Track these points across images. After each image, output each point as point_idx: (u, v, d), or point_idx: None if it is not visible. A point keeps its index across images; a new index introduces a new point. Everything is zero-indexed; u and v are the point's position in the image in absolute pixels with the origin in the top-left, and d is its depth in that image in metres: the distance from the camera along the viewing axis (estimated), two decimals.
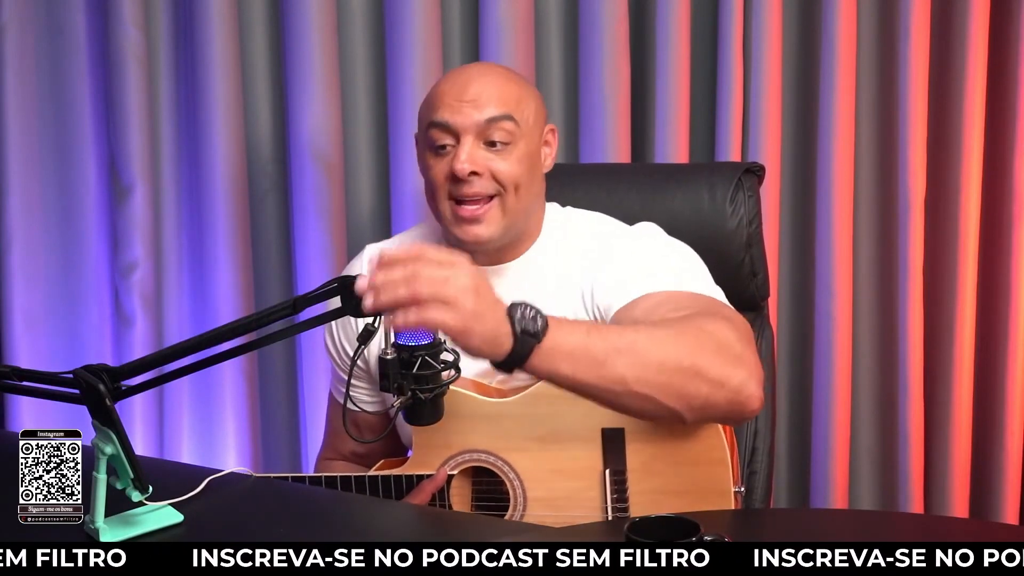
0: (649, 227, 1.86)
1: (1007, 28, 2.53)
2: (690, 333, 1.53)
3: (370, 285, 1.37)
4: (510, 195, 1.78)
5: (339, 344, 1.95)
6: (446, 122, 1.76)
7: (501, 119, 1.76)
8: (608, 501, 1.73)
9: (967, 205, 2.56)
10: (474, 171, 1.75)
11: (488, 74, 1.81)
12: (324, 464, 2.05)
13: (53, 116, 2.47)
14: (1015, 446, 2.64)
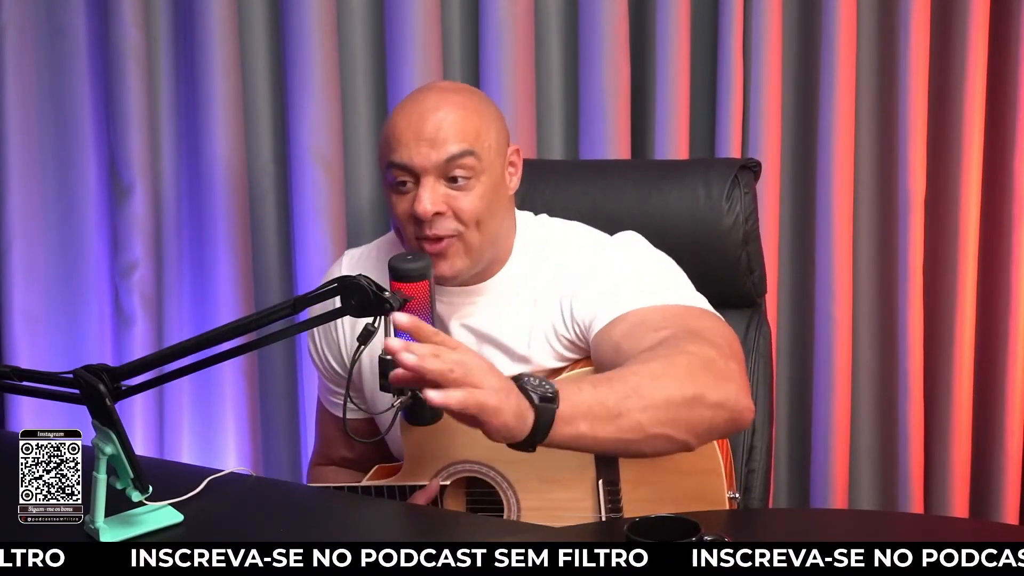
0: (629, 237, 1.84)
1: (1007, 28, 2.53)
2: (680, 361, 1.54)
3: (408, 349, 1.35)
4: (471, 232, 1.74)
5: (322, 353, 1.94)
6: (403, 163, 1.72)
7: (461, 156, 1.71)
8: (602, 511, 1.73)
9: (967, 205, 2.55)
10: (436, 212, 1.72)
11: (444, 106, 1.74)
12: (316, 471, 2.05)
13: (53, 116, 2.47)
14: (1015, 446, 2.64)
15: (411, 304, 1.48)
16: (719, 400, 1.53)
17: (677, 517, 1.30)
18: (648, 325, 1.65)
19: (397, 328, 1.40)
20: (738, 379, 1.57)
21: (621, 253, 1.81)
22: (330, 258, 2.49)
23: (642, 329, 1.64)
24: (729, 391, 1.55)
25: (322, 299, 1.47)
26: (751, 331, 2.09)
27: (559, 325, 1.78)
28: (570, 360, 1.79)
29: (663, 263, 1.81)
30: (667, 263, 1.81)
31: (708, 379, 1.53)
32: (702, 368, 1.53)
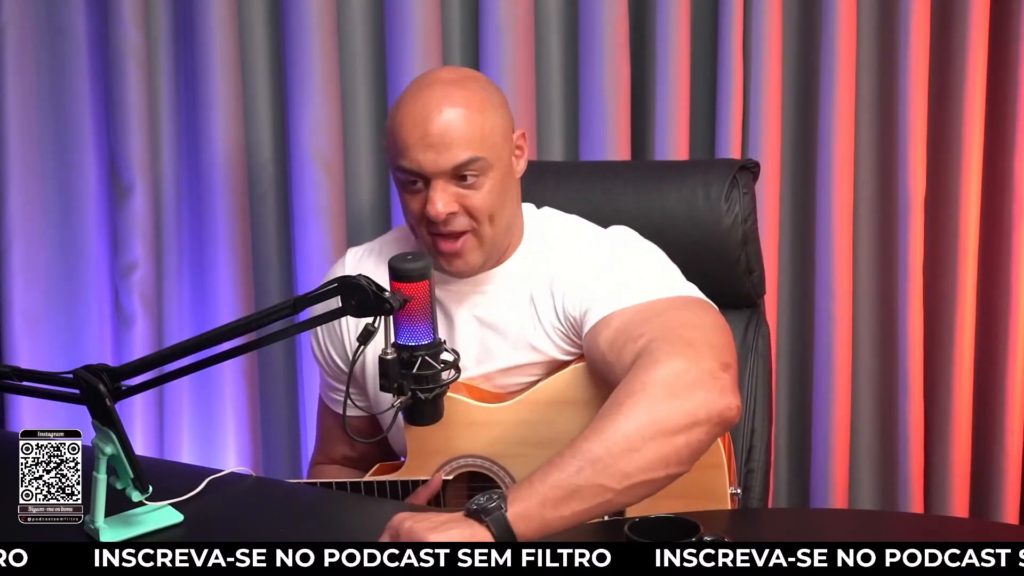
0: (621, 231, 1.85)
1: (1007, 28, 2.53)
2: (638, 399, 1.51)
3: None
4: (484, 226, 1.76)
5: (325, 350, 1.94)
6: (413, 169, 1.73)
7: (468, 162, 1.72)
8: None
9: (967, 205, 2.55)
10: (449, 212, 1.73)
11: (447, 106, 1.72)
12: (317, 469, 2.05)
13: (53, 116, 2.47)
14: (1015, 446, 2.64)
15: (411, 304, 1.48)
16: (687, 422, 1.50)
17: (677, 517, 1.30)
18: (628, 333, 1.64)
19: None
20: (711, 383, 1.54)
21: (610, 248, 1.81)
22: (330, 258, 2.49)
23: (623, 339, 1.64)
24: (698, 406, 1.51)
25: (322, 299, 1.47)
26: (750, 331, 2.09)
27: (554, 320, 1.79)
28: (573, 354, 1.80)
29: (651, 255, 1.82)
30: (655, 254, 1.82)
31: (671, 405, 1.50)
32: (663, 396, 1.51)
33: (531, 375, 1.81)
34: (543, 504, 1.42)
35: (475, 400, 1.77)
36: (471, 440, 1.75)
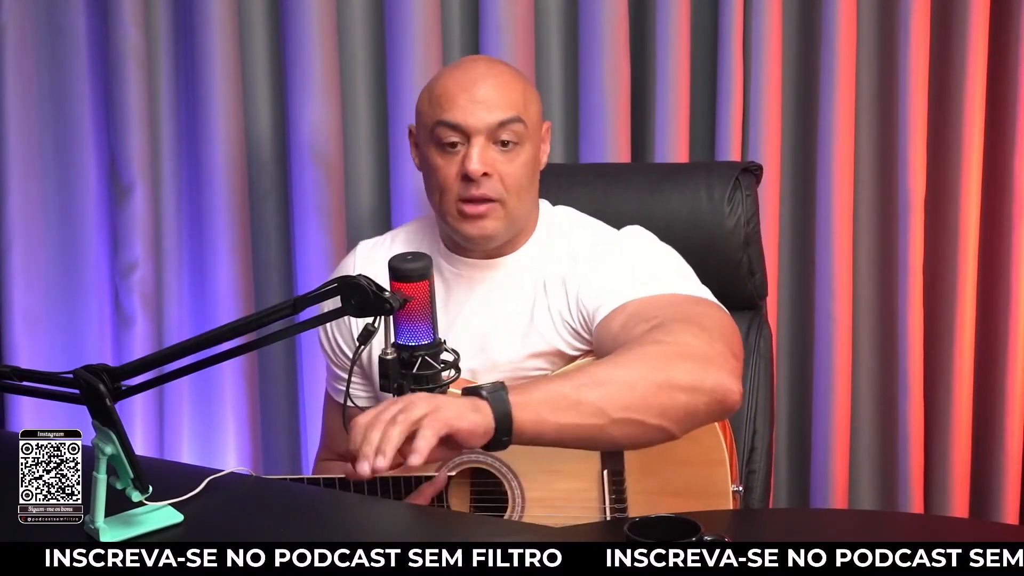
0: (636, 230, 1.87)
1: (1007, 28, 2.53)
2: (651, 350, 1.56)
3: (363, 455, 1.41)
4: (512, 198, 1.79)
5: (332, 339, 1.95)
6: (457, 123, 1.76)
7: (511, 121, 1.76)
8: (606, 501, 1.73)
9: (967, 205, 2.56)
10: (485, 172, 1.76)
11: (495, 73, 1.80)
12: (322, 465, 2.05)
13: (53, 116, 2.47)
14: (1015, 446, 2.64)
15: (411, 304, 1.48)
16: (693, 383, 1.54)
17: (677, 517, 1.30)
18: (642, 315, 1.66)
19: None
20: (720, 361, 1.58)
21: (626, 245, 1.83)
22: (330, 258, 2.49)
23: (636, 319, 1.66)
24: (707, 374, 1.55)
25: (322, 299, 1.47)
26: (752, 333, 2.10)
27: (565, 313, 1.79)
28: (581, 350, 1.80)
29: (667, 254, 1.83)
30: (671, 254, 1.84)
31: (682, 364, 1.55)
32: (677, 355, 1.55)
33: (536, 366, 1.81)
34: (543, 403, 1.46)
35: None
36: None
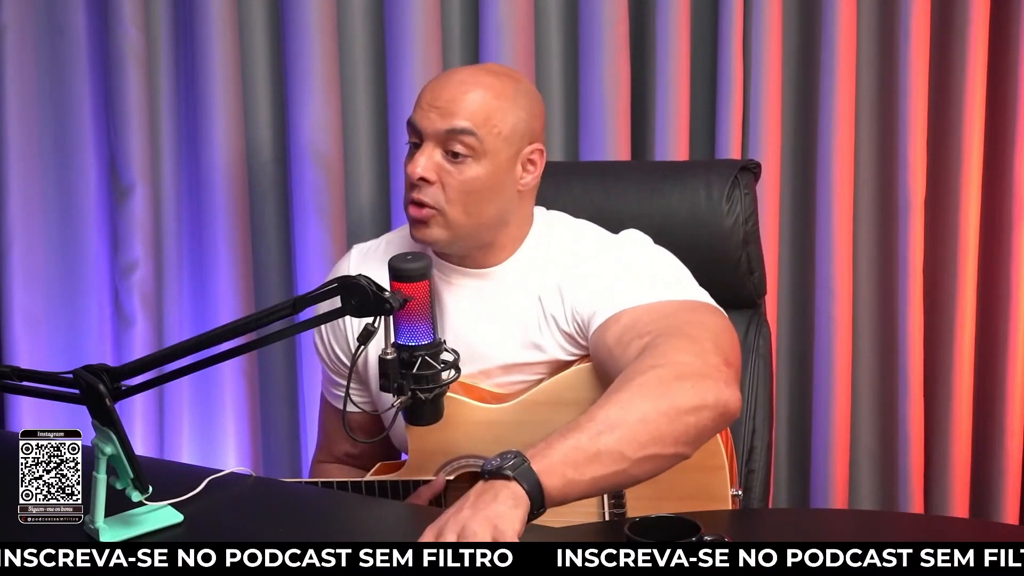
0: (633, 235, 1.85)
1: (1007, 28, 2.53)
2: (648, 378, 1.53)
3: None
4: (454, 209, 1.75)
5: (328, 345, 1.94)
6: (414, 123, 1.76)
7: (461, 133, 1.73)
8: (605, 507, 1.73)
9: (967, 205, 2.56)
10: (423, 178, 1.74)
11: (469, 83, 1.76)
12: (319, 467, 2.04)
13: (53, 116, 2.47)
14: (1015, 446, 2.64)
15: (411, 304, 1.48)
16: (696, 404, 1.53)
17: (677, 517, 1.30)
18: (636, 329, 1.65)
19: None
20: (716, 373, 1.57)
21: (622, 251, 1.81)
22: (330, 258, 2.49)
23: (631, 335, 1.65)
24: (706, 390, 1.54)
25: (322, 299, 1.47)
26: (751, 332, 2.10)
27: (561, 321, 1.78)
28: (576, 355, 1.80)
29: (663, 259, 1.82)
30: (668, 259, 1.82)
31: (681, 386, 1.53)
32: (673, 377, 1.53)
33: (534, 374, 1.81)
34: (565, 463, 1.43)
35: (476, 400, 1.77)
36: (472, 440, 1.75)
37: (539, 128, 1.82)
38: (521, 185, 1.80)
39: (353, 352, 1.88)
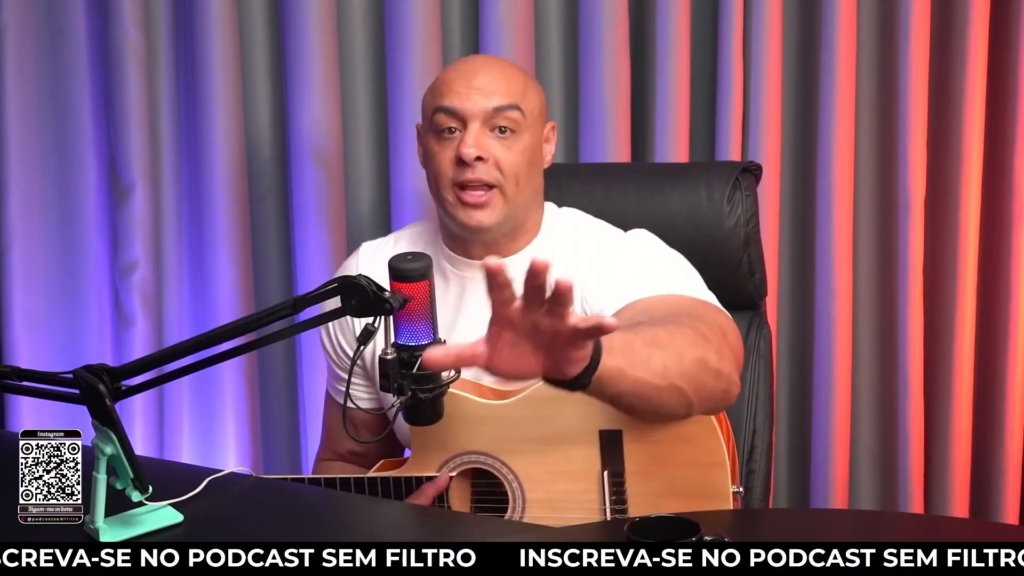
0: (642, 234, 1.87)
1: (1007, 28, 2.53)
2: (685, 329, 1.57)
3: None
4: (511, 184, 1.79)
5: (335, 339, 1.95)
6: (454, 108, 1.78)
7: (508, 108, 1.78)
8: (607, 503, 1.73)
9: (967, 205, 2.55)
10: (479, 156, 1.76)
11: (494, 65, 1.84)
12: (322, 465, 2.05)
13: (53, 116, 2.47)
14: (1015, 446, 2.64)
15: (411, 304, 1.48)
16: (717, 368, 1.56)
17: (677, 517, 1.30)
18: (648, 313, 1.67)
19: (435, 366, 1.36)
20: (730, 358, 1.60)
21: (632, 248, 1.83)
22: (330, 258, 2.49)
23: (642, 316, 1.66)
24: (725, 363, 1.58)
25: (321, 299, 1.47)
26: (752, 333, 2.10)
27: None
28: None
29: (673, 258, 1.84)
30: (677, 258, 1.84)
31: (709, 347, 1.56)
32: (701, 338, 1.57)
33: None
34: (622, 350, 1.43)
35: (478, 396, 1.77)
36: (474, 436, 1.75)
37: (547, 108, 1.90)
38: (545, 163, 1.87)
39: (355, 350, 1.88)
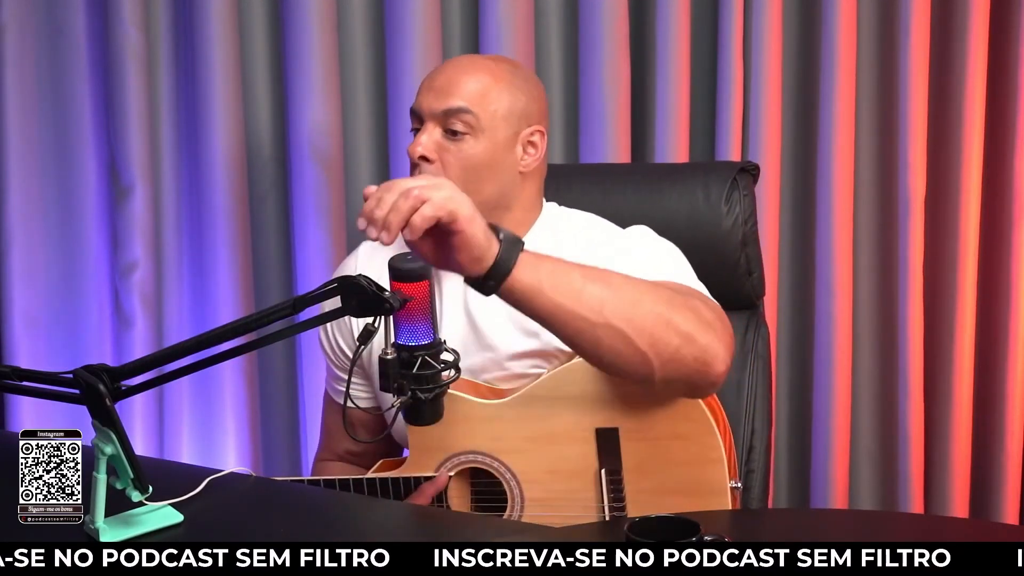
0: (640, 229, 1.87)
1: (1007, 28, 2.53)
2: (664, 290, 1.59)
3: (372, 220, 1.43)
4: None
5: (333, 339, 1.95)
6: (414, 108, 1.81)
7: (458, 111, 1.76)
8: (605, 501, 1.73)
9: (967, 205, 2.56)
10: (423, 156, 1.77)
11: (465, 66, 1.82)
12: (321, 465, 2.05)
13: (53, 116, 2.47)
14: (1015, 446, 2.64)
15: (411, 304, 1.48)
16: (689, 333, 1.56)
17: (677, 517, 1.30)
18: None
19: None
20: (719, 332, 1.60)
21: (629, 243, 1.83)
22: (330, 258, 2.49)
23: None
24: (703, 332, 1.57)
25: (321, 299, 1.46)
26: (750, 333, 2.10)
27: None
28: None
29: (670, 251, 1.84)
30: (674, 252, 1.84)
31: (686, 313, 1.57)
32: (683, 305, 1.58)
33: (532, 364, 1.81)
34: (548, 275, 1.49)
35: (475, 396, 1.77)
36: (472, 436, 1.75)
37: (539, 111, 1.84)
38: (522, 166, 1.82)
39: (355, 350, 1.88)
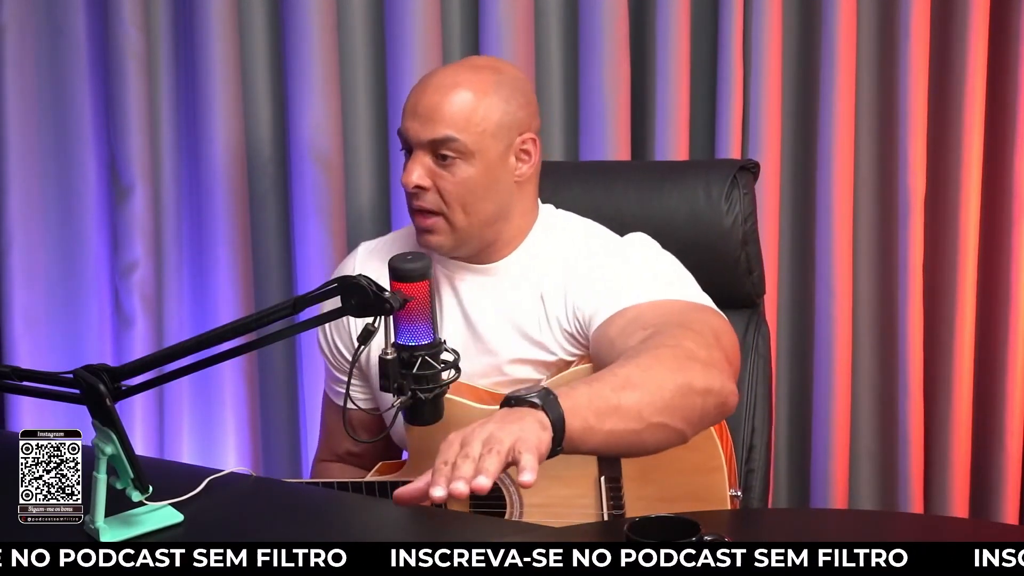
0: (637, 237, 1.86)
1: (1007, 28, 2.53)
2: (664, 353, 1.54)
3: (440, 473, 1.32)
4: (456, 213, 1.77)
5: (331, 341, 1.94)
6: (400, 133, 1.78)
7: (445, 141, 1.74)
8: (604, 508, 1.73)
9: (967, 205, 2.56)
10: (419, 186, 1.76)
11: (447, 86, 1.76)
12: (320, 466, 2.05)
13: (53, 116, 2.47)
14: (1015, 446, 2.64)
15: (411, 304, 1.48)
16: (706, 386, 1.53)
17: (677, 517, 1.30)
18: (640, 322, 1.66)
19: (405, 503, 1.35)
20: (721, 365, 1.58)
21: (627, 252, 1.82)
22: (330, 258, 2.49)
23: (634, 326, 1.66)
24: (713, 377, 1.55)
25: (321, 299, 1.47)
26: (750, 331, 2.10)
27: (562, 319, 1.79)
28: (576, 355, 1.80)
29: (668, 262, 1.82)
30: (671, 261, 1.83)
31: (693, 367, 1.53)
32: (685, 357, 1.54)
33: (543, 368, 1.81)
34: (588, 408, 1.41)
35: (476, 402, 1.77)
36: None
37: (528, 115, 1.81)
38: (518, 176, 1.81)
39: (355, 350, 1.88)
